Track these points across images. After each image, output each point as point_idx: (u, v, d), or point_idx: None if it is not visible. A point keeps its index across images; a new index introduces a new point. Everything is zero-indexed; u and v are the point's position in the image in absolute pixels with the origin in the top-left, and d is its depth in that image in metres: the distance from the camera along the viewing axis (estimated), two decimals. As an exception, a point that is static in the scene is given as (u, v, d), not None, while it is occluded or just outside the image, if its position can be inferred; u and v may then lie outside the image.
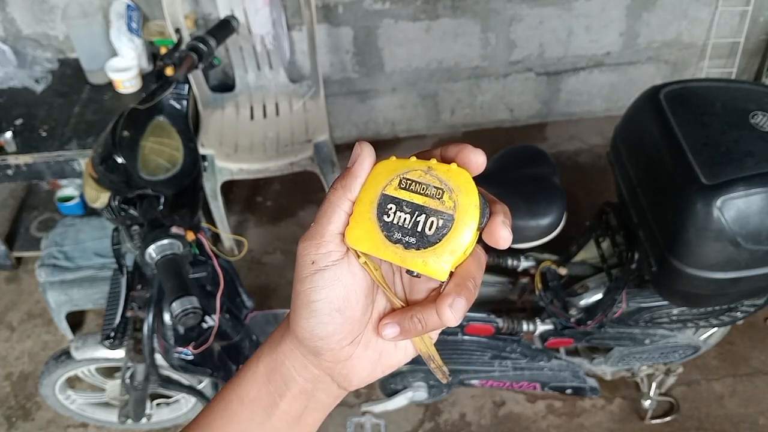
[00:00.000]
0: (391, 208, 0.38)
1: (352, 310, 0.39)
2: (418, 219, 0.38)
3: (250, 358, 0.45)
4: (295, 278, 0.39)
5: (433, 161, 0.39)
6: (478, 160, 0.38)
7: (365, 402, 1.89)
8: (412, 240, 0.38)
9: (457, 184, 0.38)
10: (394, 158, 0.39)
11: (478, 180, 0.38)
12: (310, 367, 0.42)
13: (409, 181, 0.38)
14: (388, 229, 0.38)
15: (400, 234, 0.38)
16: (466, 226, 0.37)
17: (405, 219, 0.38)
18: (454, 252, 0.37)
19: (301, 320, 0.39)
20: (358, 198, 0.39)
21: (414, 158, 0.39)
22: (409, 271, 0.38)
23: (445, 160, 0.39)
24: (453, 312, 0.37)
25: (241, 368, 0.44)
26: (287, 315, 0.43)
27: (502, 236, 0.38)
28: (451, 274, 0.39)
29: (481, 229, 0.38)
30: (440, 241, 0.37)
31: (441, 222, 0.37)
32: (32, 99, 2.13)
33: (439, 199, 0.38)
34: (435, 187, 0.38)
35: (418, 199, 0.38)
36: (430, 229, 0.37)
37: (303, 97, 2.32)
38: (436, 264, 0.37)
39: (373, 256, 0.39)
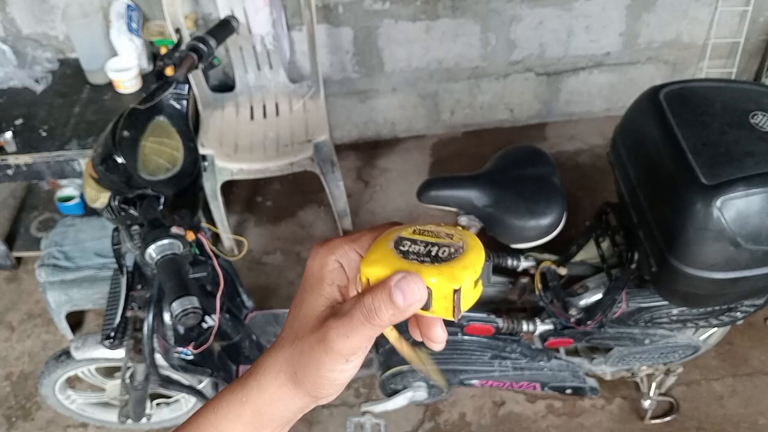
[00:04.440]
0: (406, 243, 0.41)
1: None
2: (431, 249, 0.41)
3: (227, 396, 0.45)
4: (319, 370, 0.41)
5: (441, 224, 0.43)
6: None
7: (365, 402, 1.89)
8: (427, 260, 0.40)
9: (463, 234, 0.42)
10: (405, 225, 0.44)
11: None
12: (305, 407, 0.44)
13: (422, 230, 0.42)
14: (404, 254, 0.40)
15: (415, 256, 0.40)
16: (478, 253, 0.40)
17: (419, 249, 0.41)
18: (466, 267, 0.39)
19: (322, 391, 0.42)
20: (375, 246, 0.42)
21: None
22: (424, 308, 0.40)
23: None
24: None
25: (217, 404, 0.45)
26: (273, 368, 0.44)
27: (438, 335, 0.43)
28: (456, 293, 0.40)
29: (475, 282, 0.41)
30: (452, 259, 0.40)
31: (453, 249, 0.40)
32: (32, 99, 2.13)
33: (450, 238, 0.41)
34: (446, 233, 0.42)
35: (430, 239, 0.41)
36: (443, 254, 0.40)
37: (303, 97, 2.32)
38: (449, 273, 0.39)
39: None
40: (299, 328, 0.42)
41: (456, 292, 0.39)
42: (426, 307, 0.40)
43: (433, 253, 0.40)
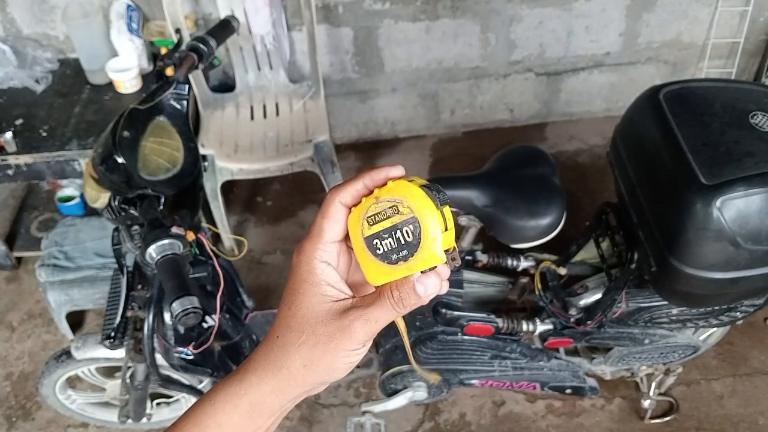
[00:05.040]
0: (377, 243, 0.47)
1: None
2: (397, 236, 0.46)
3: (224, 389, 0.48)
4: (336, 356, 0.46)
5: (376, 191, 0.47)
6: (397, 172, 0.47)
7: (365, 402, 1.89)
8: (405, 252, 0.46)
9: (400, 193, 0.46)
10: (353, 209, 0.48)
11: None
12: (301, 397, 0.49)
13: (372, 218, 0.47)
14: (386, 257, 0.46)
15: (394, 255, 0.46)
16: (429, 215, 0.45)
17: (390, 242, 0.46)
18: (435, 238, 0.45)
19: (337, 375, 0.48)
20: (355, 250, 0.48)
21: (364, 199, 0.47)
22: (423, 272, 0.46)
23: (378, 185, 0.48)
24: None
25: (214, 397, 0.48)
26: (269, 361, 0.48)
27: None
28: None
29: (446, 203, 0.46)
30: (421, 239, 0.45)
31: (411, 227, 0.45)
32: (32, 99, 2.13)
33: (397, 213, 0.46)
34: (389, 207, 0.46)
35: (386, 224, 0.46)
36: (410, 236, 0.46)
37: (303, 97, 2.32)
38: (431, 255, 0.45)
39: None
40: (304, 326, 0.47)
41: (447, 252, 0.45)
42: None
43: (403, 241, 0.46)
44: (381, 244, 0.46)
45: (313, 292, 0.47)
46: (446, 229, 0.45)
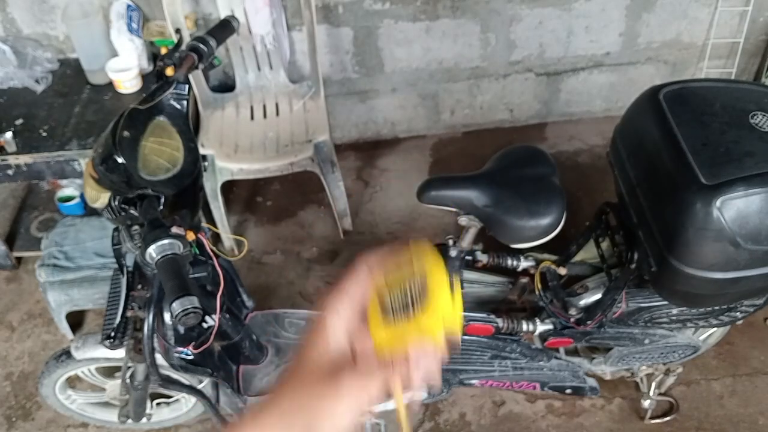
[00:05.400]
0: (387, 301, 0.48)
1: None
2: (405, 293, 0.47)
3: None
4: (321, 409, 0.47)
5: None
6: None
7: (365, 402, 1.89)
8: (409, 311, 0.47)
9: (417, 254, 0.48)
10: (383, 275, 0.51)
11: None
12: None
13: (391, 279, 0.49)
14: (392, 312, 0.48)
15: (401, 312, 0.47)
16: (438, 276, 0.46)
17: (397, 296, 0.48)
18: (439, 296, 0.45)
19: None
20: (369, 310, 0.50)
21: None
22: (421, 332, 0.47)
23: None
24: None
25: None
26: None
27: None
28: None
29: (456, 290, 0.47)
30: (426, 296, 0.46)
31: (419, 285, 0.47)
32: (32, 99, 2.13)
33: (412, 274, 0.48)
34: (406, 266, 0.48)
35: (400, 283, 0.48)
36: (416, 294, 0.47)
37: (303, 97, 2.32)
38: (431, 318, 0.45)
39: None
40: (305, 373, 0.49)
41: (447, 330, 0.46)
42: None
43: (409, 299, 0.47)
44: (391, 300, 0.48)
45: (320, 342, 0.50)
46: (452, 300, 0.46)
